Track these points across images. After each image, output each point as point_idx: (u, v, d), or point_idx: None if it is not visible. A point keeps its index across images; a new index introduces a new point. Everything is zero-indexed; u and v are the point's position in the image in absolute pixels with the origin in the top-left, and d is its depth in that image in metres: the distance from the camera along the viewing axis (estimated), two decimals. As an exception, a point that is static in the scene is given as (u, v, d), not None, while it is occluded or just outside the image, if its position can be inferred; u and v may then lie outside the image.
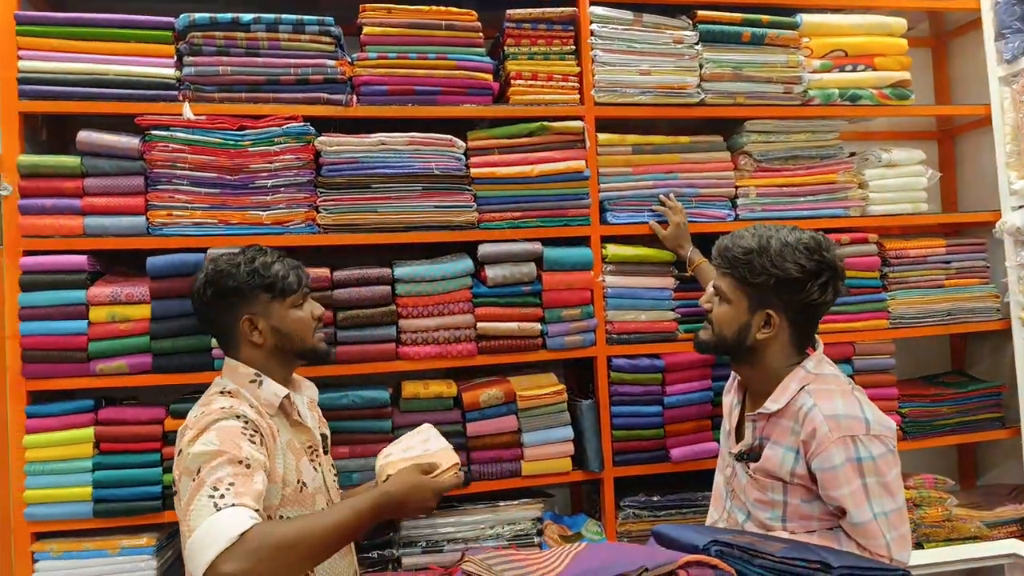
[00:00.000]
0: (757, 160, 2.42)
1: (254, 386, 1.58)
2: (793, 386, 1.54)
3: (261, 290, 1.60)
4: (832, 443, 1.44)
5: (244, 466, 1.36)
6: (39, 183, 1.97)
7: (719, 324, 1.60)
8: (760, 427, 1.58)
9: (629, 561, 1.02)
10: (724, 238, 1.61)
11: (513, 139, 2.23)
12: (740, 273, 1.55)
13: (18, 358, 1.94)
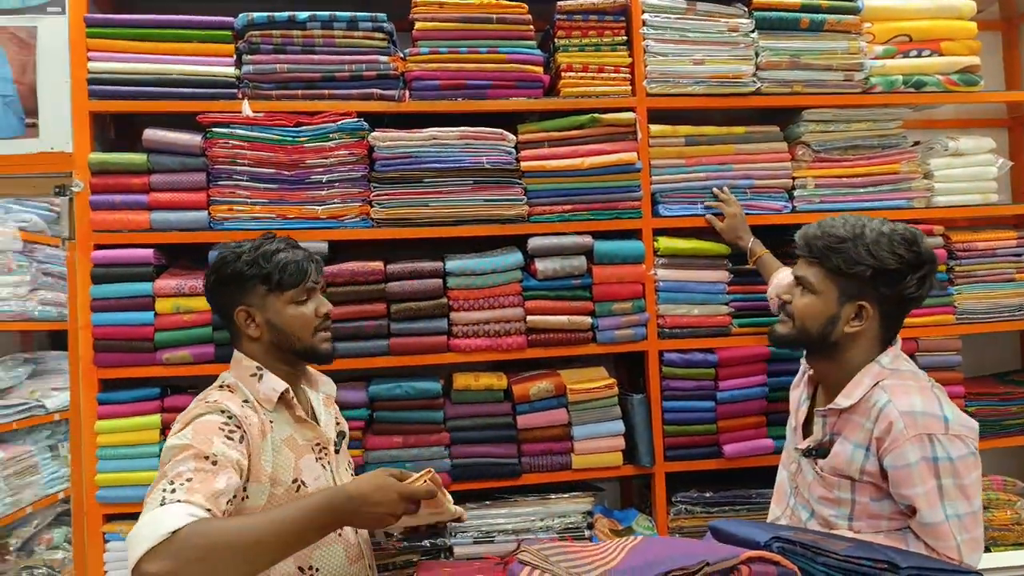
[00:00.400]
0: (815, 150, 2.36)
1: (254, 380, 1.52)
2: (867, 381, 1.49)
3: (258, 281, 1.51)
4: (907, 441, 1.40)
5: (210, 462, 1.29)
6: (108, 180, 2.05)
7: (803, 317, 1.53)
8: (831, 423, 1.54)
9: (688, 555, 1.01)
10: (810, 227, 1.55)
11: (563, 132, 2.22)
12: (833, 263, 1.48)
13: (90, 347, 2.04)
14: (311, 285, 1.55)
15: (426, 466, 2.09)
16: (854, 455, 1.47)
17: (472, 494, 2.20)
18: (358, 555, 1.55)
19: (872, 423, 1.45)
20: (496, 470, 2.17)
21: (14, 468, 3.20)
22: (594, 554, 1.20)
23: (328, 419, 1.64)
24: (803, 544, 1.06)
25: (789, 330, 1.57)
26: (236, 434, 1.39)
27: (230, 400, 1.46)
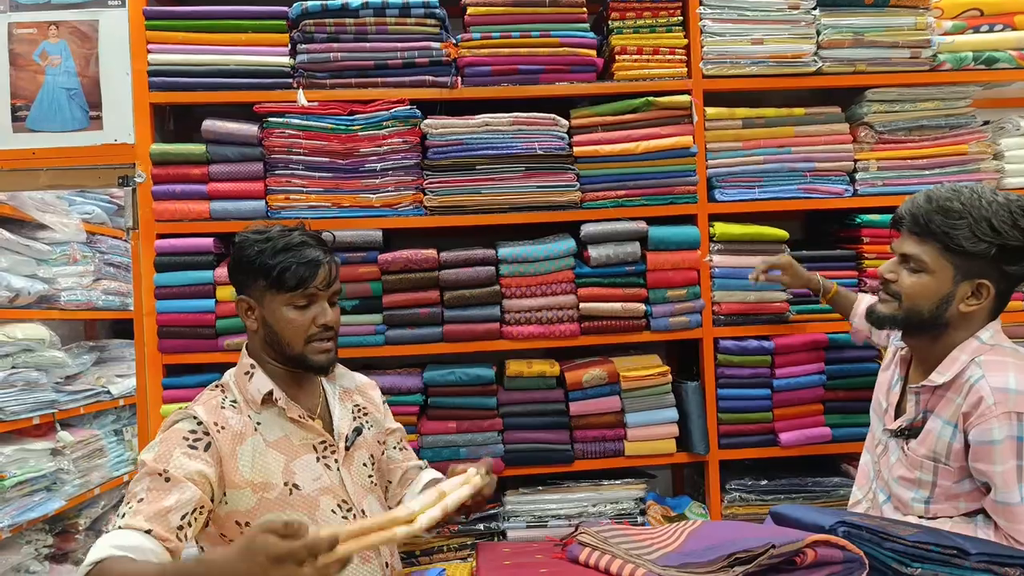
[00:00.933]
0: (878, 131, 2.28)
1: (247, 378, 1.48)
2: (963, 358, 1.42)
3: (260, 275, 1.44)
4: (995, 417, 1.34)
5: (163, 479, 1.29)
6: (169, 170, 2.10)
7: (912, 296, 1.43)
8: (924, 400, 1.47)
9: (754, 538, 1.00)
10: (916, 200, 1.43)
11: (617, 116, 2.19)
12: (952, 240, 1.38)
13: (154, 334, 2.10)
14: (313, 291, 1.44)
15: (482, 453, 2.13)
16: (942, 431, 1.42)
17: (525, 480, 2.21)
18: (372, 555, 1.49)
19: (963, 399, 1.39)
20: (549, 456, 2.17)
21: (83, 451, 3.33)
22: (653, 537, 1.19)
23: (343, 414, 1.57)
24: (870, 529, 1.04)
25: (894, 310, 1.46)
26: (201, 442, 1.37)
27: (207, 404, 1.44)
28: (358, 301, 2.14)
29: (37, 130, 2.14)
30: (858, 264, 2.27)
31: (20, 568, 3.03)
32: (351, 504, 1.49)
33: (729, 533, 1.12)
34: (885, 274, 1.48)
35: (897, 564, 1.00)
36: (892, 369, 1.62)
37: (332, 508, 1.46)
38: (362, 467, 1.56)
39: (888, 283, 1.47)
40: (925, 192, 1.45)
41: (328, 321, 1.46)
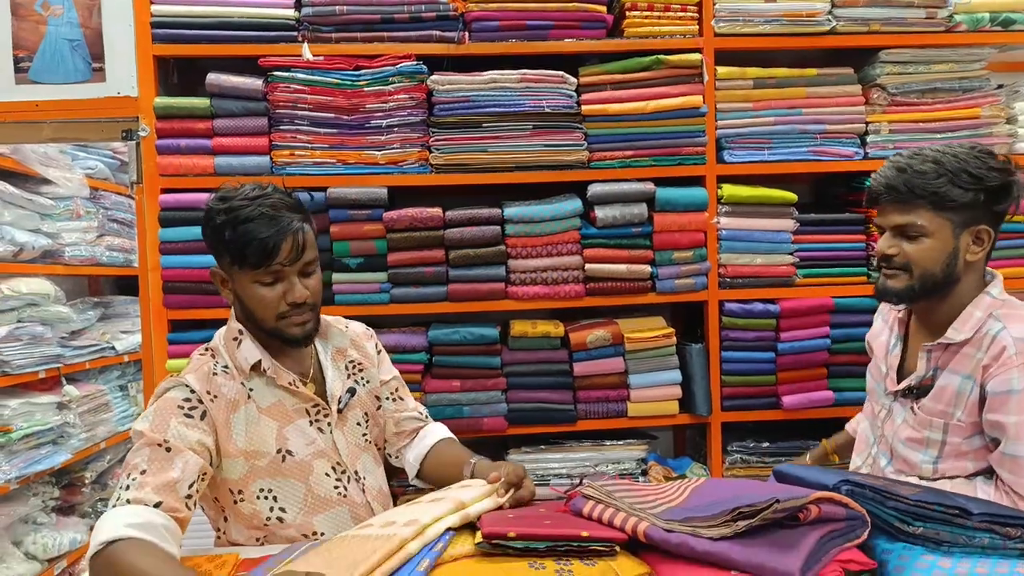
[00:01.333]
0: (891, 93, 2.25)
1: (235, 344, 1.43)
2: (979, 314, 1.42)
3: (224, 249, 1.36)
4: (1016, 367, 1.34)
5: (163, 449, 1.27)
6: (173, 124, 2.08)
7: (922, 264, 1.42)
8: (935, 358, 1.46)
9: (756, 494, 1.01)
10: (887, 172, 1.43)
11: (627, 74, 2.15)
12: (941, 198, 1.38)
13: (159, 290, 2.10)
14: (277, 267, 1.34)
15: (485, 412, 2.14)
16: (961, 387, 1.41)
17: (528, 439, 2.23)
18: (366, 514, 1.46)
19: (983, 352, 1.39)
20: (552, 416, 2.19)
21: (88, 405, 3.35)
22: (657, 492, 1.20)
23: (336, 375, 1.52)
24: (873, 488, 1.04)
25: (908, 282, 1.44)
26: (196, 411, 1.34)
27: (198, 371, 1.40)
28: (363, 259, 2.13)
29: (40, 82, 2.12)
30: (866, 228, 2.25)
31: (28, 519, 3.08)
32: (344, 466, 1.47)
33: (733, 490, 1.12)
34: (886, 250, 1.46)
35: (899, 523, 1.00)
36: (889, 333, 1.61)
37: (326, 471, 1.45)
38: (356, 426, 1.53)
39: (891, 258, 1.45)
40: (890, 165, 1.44)
41: (297, 298, 1.36)
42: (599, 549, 1.06)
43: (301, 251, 1.36)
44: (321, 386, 1.50)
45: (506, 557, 1.06)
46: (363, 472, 1.51)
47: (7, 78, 2.11)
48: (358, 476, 1.50)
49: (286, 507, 1.41)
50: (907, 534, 1.00)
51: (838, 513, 0.99)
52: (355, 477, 1.49)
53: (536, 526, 1.09)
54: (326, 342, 1.55)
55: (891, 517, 1.00)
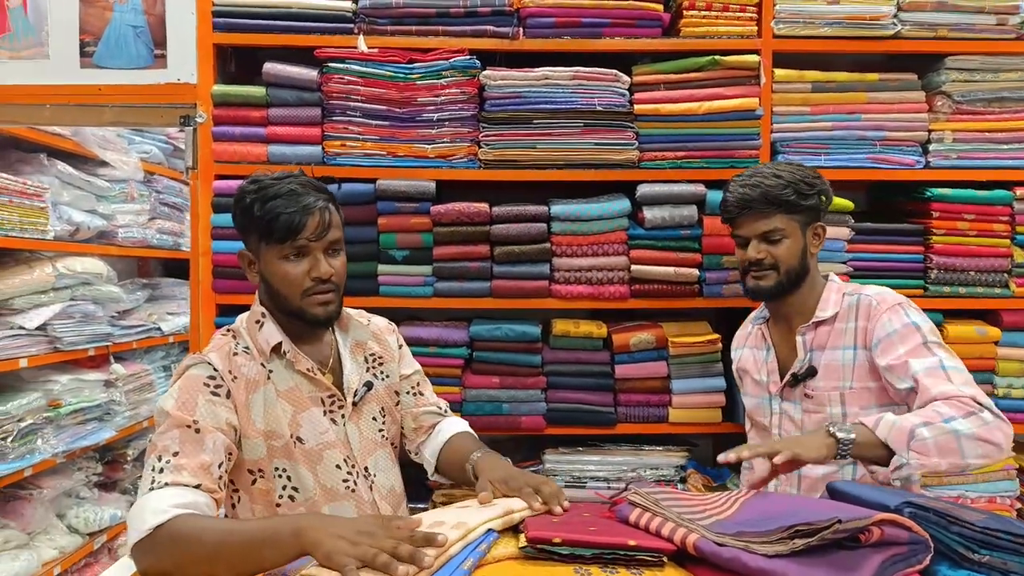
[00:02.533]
0: (956, 101, 2.17)
1: (256, 327, 1.43)
2: (834, 295, 1.69)
3: (252, 226, 1.37)
4: (884, 312, 1.59)
5: (193, 431, 1.26)
6: (229, 112, 2.11)
7: (787, 260, 1.66)
8: (810, 340, 1.68)
9: (816, 511, 0.97)
10: (743, 192, 1.65)
11: (681, 74, 2.12)
12: (791, 204, 1.64)
13: (209, 273, 2.13)
14: (303, 242, 1.35)
15: (524, 410, 2.13)
16: (843, 359, 1.63)
17: (565, 439, 2.21)
18: (372, 512, 1.45)
19: (854, 321, 1.64)
20: (591, 417, 2.16)
21: (133, 384, 3.44)
22: (705, 503, 1.17)
23: (354, 367, 1.50)
24: (937, 512, 1.00)
25: (776, 279, 1.67)
26: (222, 389, 1.34)
27: (220, 351, 1.39)
28: (409, 251, 2.14)
29: (103, 66, 2.17)
30: (925, 240, 2.18)
31: (72, 493, 3.17)
32: (354, 460, 1.46)
33: (788, 505, 1.09)
34: (756, 255, 1.67)
35: (964, 549, 0.96)
36: (754, 348, 1.81)
37: (337, 464, 1.43)
38: (371, 421, 1.51)
39: (761, 261, 1.67)
40: (741, 185, 1.67)
41: (322, 274, 1.37)
42: (646, 559, 1.04)
43: (327, 228, 1.37)
44: (338, 377, 1.48)
45: (551, 562, 1.05)
46: (374, 469, 1.49)
47: (72, 62, 2.17)
48: (368, 472, 1.47)
49: (298, 487, 1.40)
50: (971, 562, 0.96)
51: (900, 536, 0.96)
52: (365, 473, 1.46)
53: (582, 532, 1.07)
54: (346, 334, 1.54)
55: (955, 543, 0.97)
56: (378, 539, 0.98)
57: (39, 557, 2.76)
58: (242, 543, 1.11)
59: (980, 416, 1.37)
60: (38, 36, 2.19)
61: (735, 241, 1.74)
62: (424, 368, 2.09)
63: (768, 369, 1.76)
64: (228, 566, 1.11)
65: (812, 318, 1.68)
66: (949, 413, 1.37)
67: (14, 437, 2.63)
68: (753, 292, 1.72)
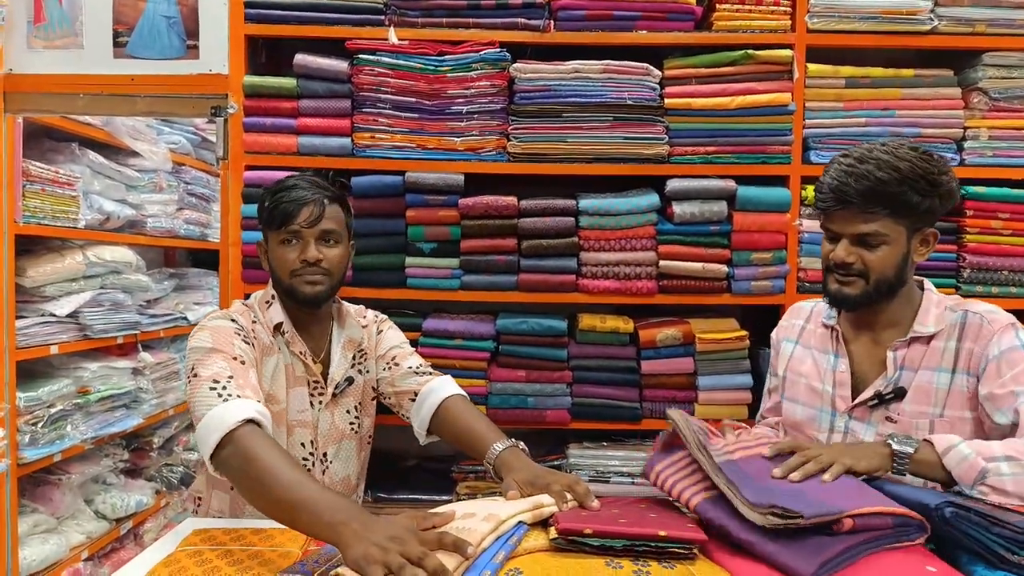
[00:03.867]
0: (993, 98, 2.14)
1: (266, 306, 1.60)
2: (935, 311, 1.45)
3: (261, 216, 1.58)
4: (997, 332, 1.38)
5: (239, 362, 1.40)
6: (260, 103, 2.12)
7: (880, 270, 1.40)
8: (901, 357, 1.44)
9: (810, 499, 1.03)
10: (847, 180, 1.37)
11: (713, 68, 2.11)
12: (903, 205, 1.37)
13: (239, 263, 2.15)
14: (295, 228, 1.51)
15: (549, 404, 2.13)
16: (938, 380, 1.41)
17: (590, 434, 2.21)
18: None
19: (956, 340, 1.41)
20: (616, 412, 2.16)
21: (160, 372, 3.47)
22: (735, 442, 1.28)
23: (341, 362, 1.63)
24: (978, 512, 0.99)
25: (864, 288, 1.42)
26: (249, 340, 1.50)
27: (242, 315, 1.55)
28: (436, 244, 2.14)
29: (136, 56, 2.19)
30: (958, 239, 2.15)
31: (99, 479, 3.21)
32: (317, 444, 1.60)
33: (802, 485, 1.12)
34: (847, 259, 1.42)
35: (1004, 551, 0.96)
36: (817, 350, 1.57)
37: (303, 442, 1.58)
38: (345, 413, 1.65)
39: (850, 266, 1.42)
40: (845, 172, 1.38)
41: (308, 256, 1.51)
42: (677, 551, 1.04)
43: (319, 218, 1.52)
44: (327, 367, 1.63)
45: (582, 554, 1.05)
46: (333, 457, 1.62)
47: (106, 51, 2.19)
48: (325, 458, 1.61)
49: None
50: (1010, 563, 0.95)
51: (882, 524, 0.99)
52: (322, 458, 1.61)
53: (612, 524, 1.08)
54: (342, 330, 1.67)
55: (995, 544, 0.96)
56: (408, 547, 0.98)
57: (67, 542, 2.80)
58: (283, 493, 1.14)
59: None
60: (72, 26, 2.21)
61: (824, 232, 1.47)
62: (450, 360, 2.13)
63: (837, 380, 1.52)
64: (264, 502, 1.18)
65: (909, 333, 1.45)
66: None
67: (44, 423, 2.67)
68: (834, 298, 1.47)
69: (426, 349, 2.14)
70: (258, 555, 1.20)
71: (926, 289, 1.49)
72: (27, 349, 2.60)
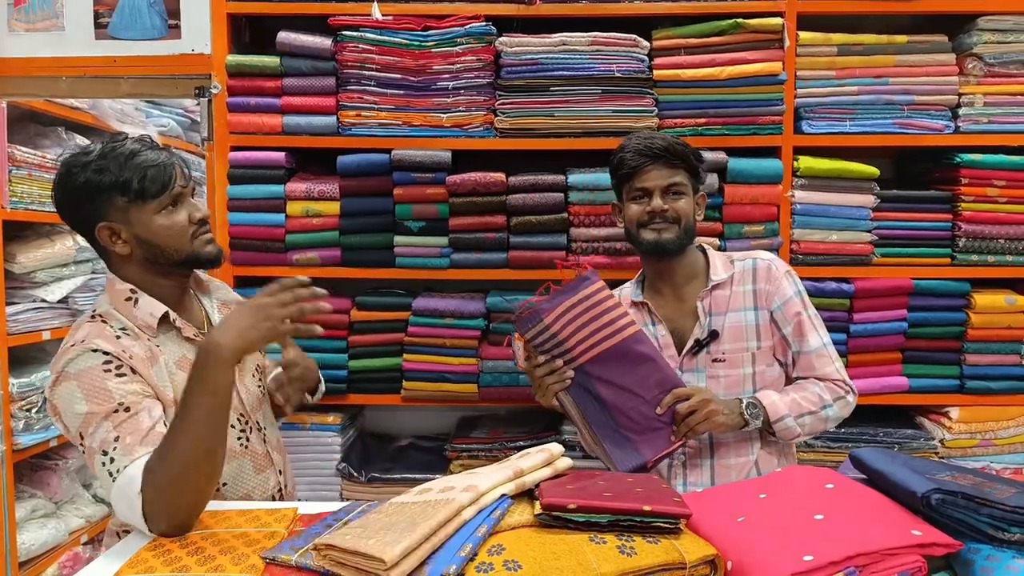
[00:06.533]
0: (988, 63, 2.10)
1: (129, 305, 1.36)
2: (720, 261, 1.69)
3: (116, 191, 1.31)
4: (782, 276, 1.65)
5: (123, 411, 1.22)
6: (244, 82, 2.10)
7: (686, 216, 1.65)
8: (707, 305, 1.66)
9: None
10: (652, 142, 1.63)
11: (702, 38, 2.07)
12: (689, 162, 1.65)
13: (226, 245, 2.13)
14: (178, 189, 1.35)
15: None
16: (746, 318, 1.64)
17: (584, 411, 2.19)
18: (266, 464, 1.49)
19: (751, 283, 1.66)
20: (609, 389, 2.14)
21: (156, 357, 3.48)
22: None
23: None
24: (966, 495, 0.97)
25: (677, 233, 1.64)
26: (124, 367, 1.28)
27: (100, 337, 1.30)
28: (424, 222, 2.12)
29: (118, 38, 2.16)
30: (953, 207, 2.12)
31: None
32: (248, 416, 1.48)
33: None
34: (664, 205, 1.63)
35: (992, 530, 0.94)
36: (644, 326, 1.67)
37: (232, 423, 1.42)
38: (251, 377, 1.54)
39: (665, 213, 1.63)
40: (647, 137, 1.65)
41: (203, 215, 1.39)
42: (662, 526, 1.03)
43: (189, 175, 1.40)
44: None
45: (566, 529, 1.04)
46: (264, 423, 1.53)
47: (87, 33, 2.16)
48: (260, 426, 1.51)
49: None
50: (1000, 541, 0.93)
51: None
52: (257, 427, 1.50)
53: (596, 498, 1.06)
54: (210, 296, 1.55)
55: (984, 525, 0.94)
56: (273, 310, 1.13)
57: (66, 526, 2.82)
58: (185, 412, 1.17)
59: (846, 399, 1.61)
60: (53, 8, 2.18)
61: (628, 196, 1.67)
62: (441, 339, 2.12)
63: (662, 344, 1.66)
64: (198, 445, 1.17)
65: (708, 282, 1.66)
66: (826, 399, 1.59)
67: (38, 408, 2.67)
68: (655, 244, 1.64)
69: (416, 328, 2.13)
70: (243, 536, 1.19)
71: (706, 248, 1.75)
72: (19, 335, 2.59)
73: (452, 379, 2.13)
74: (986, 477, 1.06)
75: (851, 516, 0.96)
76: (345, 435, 2.22)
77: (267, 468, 1.50)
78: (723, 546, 0.98)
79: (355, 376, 2.16)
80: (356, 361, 2.16)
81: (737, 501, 1.09)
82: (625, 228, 1.72)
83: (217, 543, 1.15)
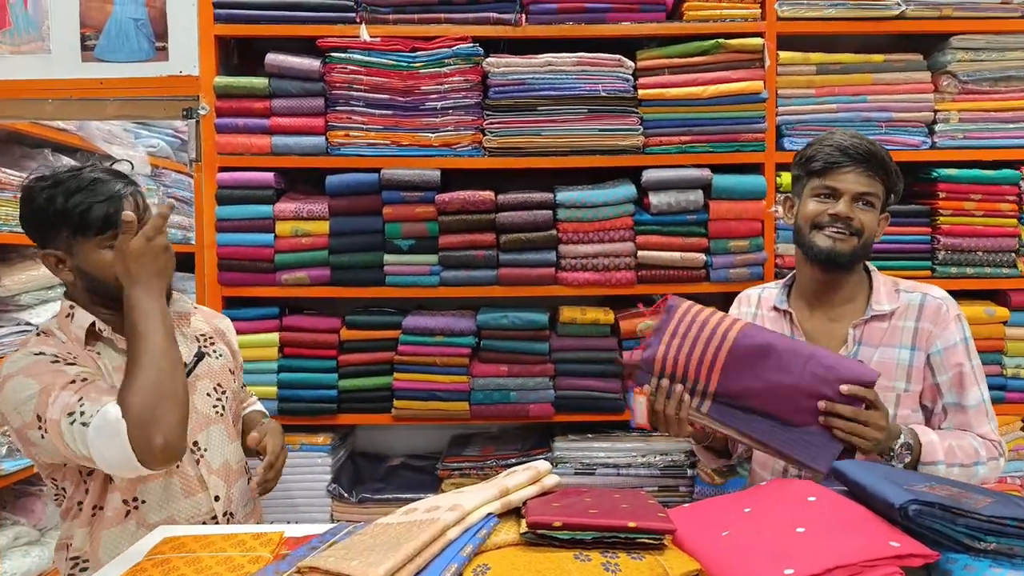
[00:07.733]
0: (962, 81, 2.16)
1: (68, 320, 1.39)
2: (885, 290, 1.53)
3: (60, 222, 1.32)
4: (951, 320, 1.49)
5: (80, 380, 1.26)
6: (232, 103, 2.11)
7: (870, 231, 1.48)
8: (859, 334, 1.51)
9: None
10: (857, 143, 1.47)
11: (685, 58, 2.11)
12: (888, 174, 1.48)
13: (215, 266, 2.13)
14: (121, 228, 1.30)
15: (532, 396, 2.13)
16: (900, 357, 1.49)
17: (574, 426, 2.21)
18: (198, 488, 1.44)
19: (915, 320, 1.49)
20: (600, 404, 2.16)
21: (141, 380, 3.44)
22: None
23: (182, 339, 1.47)
24: (943, 506, 0.98)
25: (855, 247, 1.47)
26: (71, 357, 1.32)
27: (44, 344, 1.34)
28: (414, 241, 2.13)
29: (105, 60, 2.16)
30: (932, 221, 2.17)
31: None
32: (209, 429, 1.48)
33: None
34: (851, 213, 1.47)
35: (969, 539, 0.95)
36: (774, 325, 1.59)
37: None
38: (205, 397, 1.49)
39: (850, 220, 1.47)
40: (852, 136, 1.48)
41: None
42: (647, 542, 1.03)
43: (142, 213, 1.37)
44: None
45: (551, 547, 1.04)
46: (205, 444, 1.46)
47: (74, 55, 2.16)
48: (196, 447, 1.44)
49: None
50: (976, 551, 0.95)
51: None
52: (193, 448, 1.44)
53: (582, 515, 1.07)
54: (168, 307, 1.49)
55: (961, 535, 0.95)
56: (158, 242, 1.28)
57: (50, 553, 2.77)
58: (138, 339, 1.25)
59: (998, 462, 1.46)
60: (39, 30, 2.18)
61: (811, 192, 1.50)
62: (431, 358, 2.12)
63: None
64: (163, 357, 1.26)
65: (867, 311, 1.51)
66: (981, 456, 1.44)
67: (24, 433, 2.64)
68: (828, 254, 1.46)
69: (407, 347, 2.13)
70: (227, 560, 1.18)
71: (872, 270, 1.57)
72: (3, 358, 2.56)
73: (443, 397, 2.14)
74: (963, 487, 1.07)
75: (831, 528, 0.96)
76: (336, 455, 2.21)
77: (198, 492, 1.44)
78: (707, 561, 0.98)
79: (345, 396, 2.16)
80: (346, 380, 2.16)
81: (723, 515, 1.09)
82: (795, 226, 1.54)
83: (201, 569, 1.14)
